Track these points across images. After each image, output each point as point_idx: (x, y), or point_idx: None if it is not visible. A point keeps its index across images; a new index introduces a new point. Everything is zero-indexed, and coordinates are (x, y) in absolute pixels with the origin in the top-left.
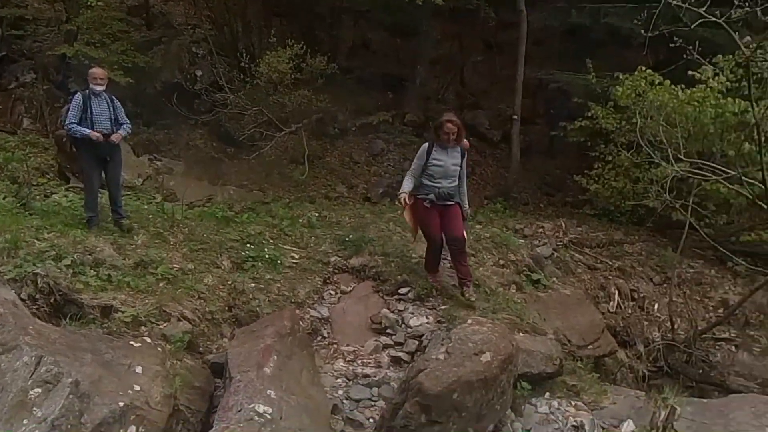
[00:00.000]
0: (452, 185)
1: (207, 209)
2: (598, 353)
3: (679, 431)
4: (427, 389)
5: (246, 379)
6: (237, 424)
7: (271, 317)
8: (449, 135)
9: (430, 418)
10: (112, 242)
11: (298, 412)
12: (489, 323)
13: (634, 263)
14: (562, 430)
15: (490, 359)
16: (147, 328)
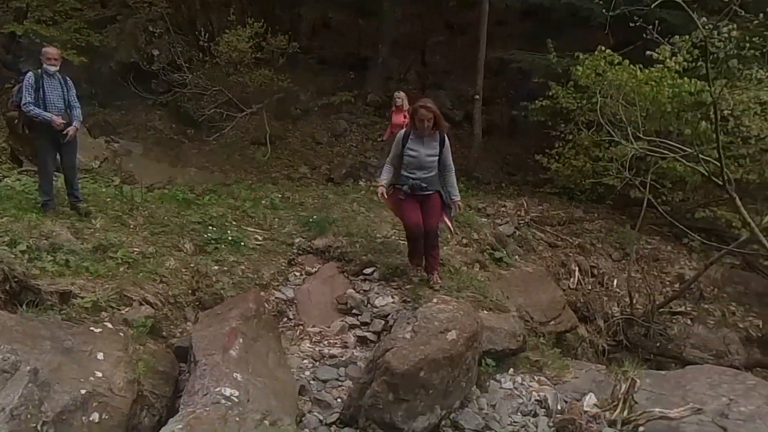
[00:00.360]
0: (428, 176)
1: (167, 191)
2: (560, 329)
3: (639, 402)
4: (394, 368)
5: (212, 362)
6: (203, 408)
7: (236, 300)
8: (424, 122)
9: (398, 397)
10: (69, 226)
11: (266, 394)
12: (454, 302)
13: (593, 240)
14: (526, 404)
15: (456, 337)
16: (108, 314)
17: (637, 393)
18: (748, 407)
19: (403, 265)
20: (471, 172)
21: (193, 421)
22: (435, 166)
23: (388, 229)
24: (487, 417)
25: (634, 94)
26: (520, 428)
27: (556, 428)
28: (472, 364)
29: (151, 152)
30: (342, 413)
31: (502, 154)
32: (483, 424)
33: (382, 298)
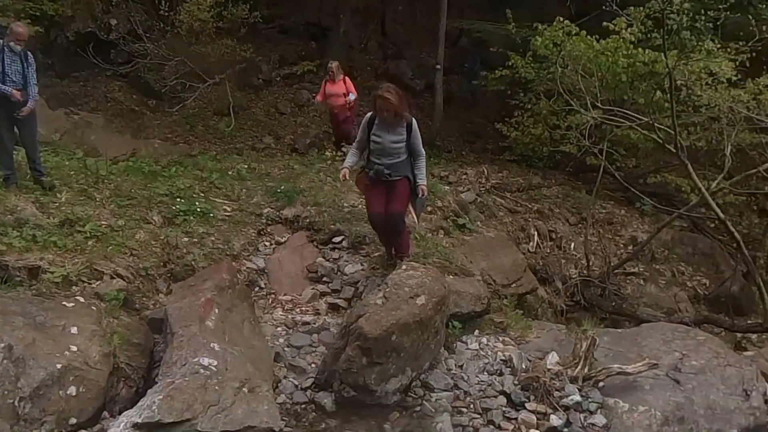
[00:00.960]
0: (394, 162)
1: (132, 164)
2: (521, 291)
3: (599, 359)
4: (367, 333)
5: (188, 333)
6: (183, 378)
7: (209, 271)
8: (383, 112)
9: (371, 360)
10: (33, 201)
11: (243, 362)
12: (422, 268)
13: (551, 205)
14: (491, 364)
15: (425, 302)
16: (79, 288)
17: (597, 350)
18: (699, 361)
19: (371, 234)
20: (433, 140)
21: (173, 391)
22: (402, 152)
23: (354, 198)
24: (456, 377)
25: (591, 65)
26: (486, 387)
27: (521, 386)
28: (440, 327)
29: (112, 124)
30: (317, 378)
31: (463, 123)
32: (452, 384)
33: (351, 265)
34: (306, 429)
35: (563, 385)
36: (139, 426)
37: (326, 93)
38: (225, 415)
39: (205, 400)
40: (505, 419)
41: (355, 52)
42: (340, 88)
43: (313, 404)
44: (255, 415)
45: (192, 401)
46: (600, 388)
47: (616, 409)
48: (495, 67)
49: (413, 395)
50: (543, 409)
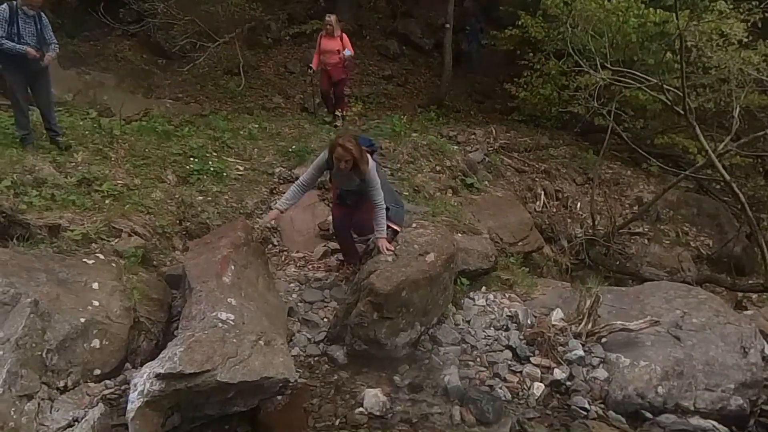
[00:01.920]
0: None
1: (145, 123)
2: (527, 249)
3: (602, 316)
4: (378, 289)
5: (206, 289)
6: (202, 332)
7: (224, 229)
8: (341, 162)
9: (382, 315)
10: (51, 161)
11: (258, 317)
12: (432, 226)
13: (558, 166)
14: (498, 320)
15: (434, 259)
16: (98, 245)
17: (600, 308)
18: (700, 319)
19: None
20: (442, 100)
21: (193, 343)
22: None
23: None
24: (463, 332)
25: (602, 24)
26: (493, 341)
27: (526, 341)
28: (448, 284)
29: (123, 83)
30: (329, 332)
31: (471, 83)
32: (459, 338)
33: None
34: (319, 380)
35: (567, 341)
36: (161, 376)
37: (321, 49)
38: (243, 366)
39: (223, 353)
40: (511, 372)
41: (363, 11)
42: (336, 44)
43: (326, 357)
44: (271, 366)
45: (211, 353)
46: (602, 344)
47: (618, 364)
48: (505, 27)
49: (422, 349)
50: (547, 363)
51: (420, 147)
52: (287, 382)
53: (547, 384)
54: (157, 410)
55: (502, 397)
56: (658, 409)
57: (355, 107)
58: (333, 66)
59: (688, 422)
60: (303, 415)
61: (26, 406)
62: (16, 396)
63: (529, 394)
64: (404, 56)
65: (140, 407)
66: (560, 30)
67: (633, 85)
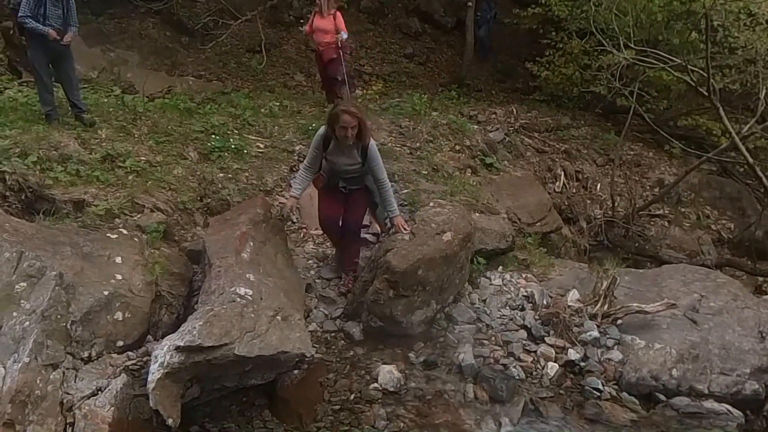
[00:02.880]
0: (351, 177)
1: (168, 101)
2: (545, 230)
3: (618, 298)
4: (394, 267)
5: (225, 264)
6: (221, 306)
7: (244, 205)
8: (347, 130)
9: (398, 293)
10: (75, 137)
11: (276, 292)
12: (449, 205)
13: (579, 146)
14: (514, 299)
15: (451, 238)
16: (121, 220)
17: (617, 289)
18: (717, 303)
19: (399, 171)
20: (463, 79)
21: (212, 318)
22: (358, 173)
23: (384, 136)
24: (478, 311)
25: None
26: (508, 321)
27: (541, 321)
28: (465, 263)
29: (147, 61)
30: (345, 308)
31: (493, 62)
32: (474, 317)
33: None
34: (335, 355)
35: (582, 322)
36: (181, 349)
37: (313, 27)
38: (260, 340)
39: (241, 327)
40: (525, 352)
41: None
42: (328, 23)
43: (342, 333)
44: (288, 341)
45: (230, 327)
46: (618, 326)
47: (633, 346)
48: (528, 5)
49: (437, 327)
50: (561, 343)
51: (440, 126)
52: (303, 357)
53: (561, 364)
54: (177, 381)
55: (516, 376)
56: (672, 391)
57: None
58: (325, 46)
59: (701, 405)
60: (319, 389)
61: (51, 375)
62: (42, 365)
63: (542, 374)
64: (426, 34)
65: (160, 378)
66: (584, 8)
67: (657, 65)
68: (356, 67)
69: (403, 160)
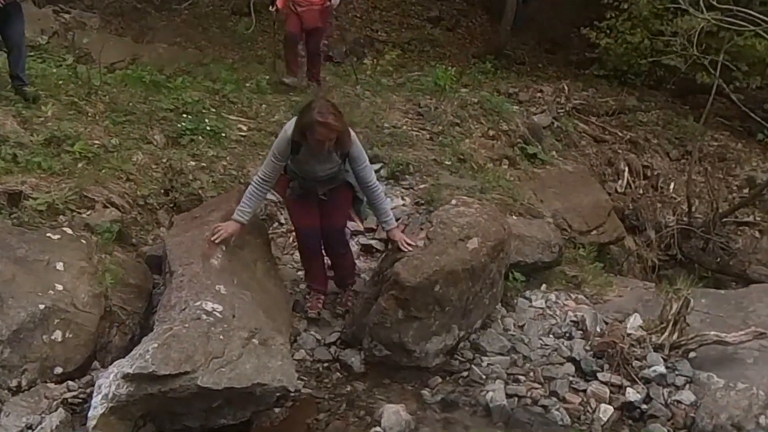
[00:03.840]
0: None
1: (132, 72)
2: (603, 240)
3: (692, 325)
4: (404, 281)
5: (190, 272)
6: (182, 324)
7: (217, 200)
8: (324, 144)
9: (409, 314)
10: (14, 115)
11: (254, 309)
12: (477, 204)
13: (648, 134)
14: (559, 325)
15: (478, 246)
16: (67, 218)
17: (690, 314)
18: None
19: (415, 162)
20: (501, 49)
21: (170, 339)
22: (336, 173)
23: (398, 117)
24: (514, 339)
25: None
26: (551, 351)
27: (593, 352)
28: (497, 278)
29: (110, 25)
30: (343, 332)
31: (541, 28)
32: (508, 347)
33: (391, 199)
34: (328, 391)
35: (645, 354)
36: (130, 377)
37: None
38: (230, 369)
39: (207, 351)
40: (572, 391)
41: None
42: None
43: (338, 363)
44: (266, 371)
45: (192, 351)
46: (690, 359)
47: (709, 385)
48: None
49: (460, 358)
50: (618, 380)
51: (469, 106)
52: (286, 392)
53: (617, 407)
54: (125, 419)
55: (559, 420)
56: None
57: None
58: (307, 9)
59: None
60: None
61: None
62: None
63: (593, 419)
64: None
65: (104, 414)
66: None
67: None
68: (368, 34)
69: (420, 147)
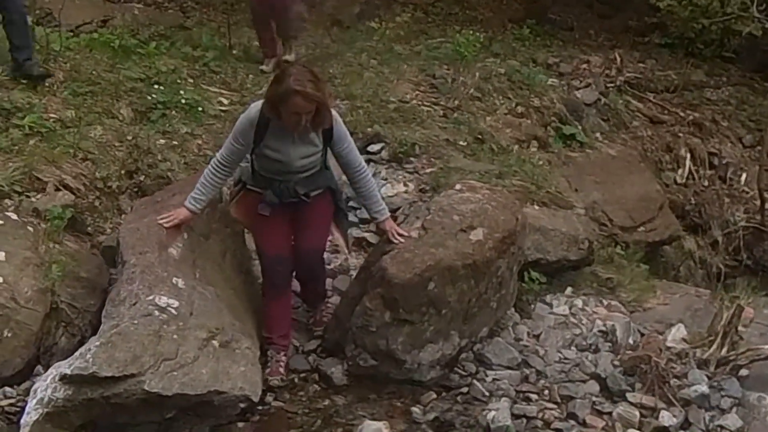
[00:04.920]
0: (307, 176)
1: (99, 36)
2: (653, 238)
3: (747, 339)
4: (392, 277)
5: (143, 263)
6: (131, 321)
7: (182, 183)
8: (301, 117)
9: (397, 316)
10: None
11: (217, 307)
12: (486, 189)
13: (717, 116)
14: (584, 336)
15: (483, 238)
16: (12, 202)
17: (748, 327)
18: None
19: (423, 141)
20: (544, 12)
21: (115, 337)
22: (317, 165)
23: (406, 90)
24: (527, 350)
25: None
26: (572, 367)
27: (623, 368)
28: (507, 278)
29: None
30: (325, 339)
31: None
32: (519, 359)
33: (391, 185)
34: (303, 405)
35: (686, 371)
36: (68, 379)
37: None
38: (184, 373)
39: (157, 352)
40: (594, 413)
41: None
42: None
43: (317, 374)
44: (226, 377)
45: (140, 352)
46: (740, 378)
47: (759, 408)
48: None
49: (461, 372)
50: (652, 401)
51: (495, 77)
52: (250, 402)
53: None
54: (62, 427)
55: None
56: None
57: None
58: None
59: None
60: None
61: None
62: None
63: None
64: None
65: (38, 421)
66: None
67: None
68: None
69: (431, 124)
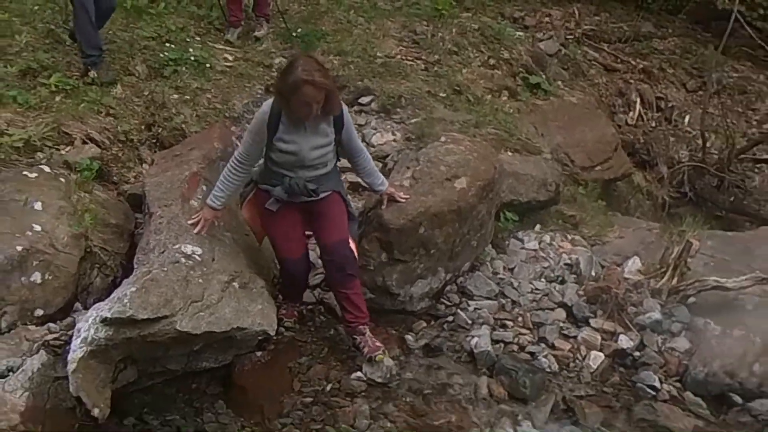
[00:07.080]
0: (318, 174)
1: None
2: (608, 176)
3: (695, 269)
4: (387, 222)
5: (168, 214)
6: (160, 268)
7: (198, 138)
8: (312, 106)
9: (392, 257)
10: None
11: (235, 253)
12: (468, 141)
13: (663, 64)
14: (552, 268)
15: (466, 186)
16: (44, 155)
17: (694, 258)
18: None
19: (408, 94)
20: None
21: (148, 283)
22: (329, 160)
23: (391, 46)
24: (503, 282)
25: None
26: (542, 296)
27: (586, 297)
28: (486, 220)
29: None
30: None
31: None
32: (497, 291)
33: (380, 134)
34: (311, 335)
35: (641, 299)
36: (108, 321)
37: None
38: (210, 313)
39: (186, 295)
40: (562, 337)
41: None
42: None
43: (322, 306)
44: (246, 315)
45: (171, 295)
46: (689, 305)
47: (705, 332)
48: None
49: (446, 302)
50: (611, 327)
51: (469, 32)
52: (267, 336)
53: (609, 354)
54: (105, 362)
55: (547, 367)
56: (752, 392)
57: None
58: None
59: None
60: (287, 376)
61: None
62: None
63: (582, 366)
64: None
65: (83, 358)
66: None
67: None
68: None
69: (414, 78)
